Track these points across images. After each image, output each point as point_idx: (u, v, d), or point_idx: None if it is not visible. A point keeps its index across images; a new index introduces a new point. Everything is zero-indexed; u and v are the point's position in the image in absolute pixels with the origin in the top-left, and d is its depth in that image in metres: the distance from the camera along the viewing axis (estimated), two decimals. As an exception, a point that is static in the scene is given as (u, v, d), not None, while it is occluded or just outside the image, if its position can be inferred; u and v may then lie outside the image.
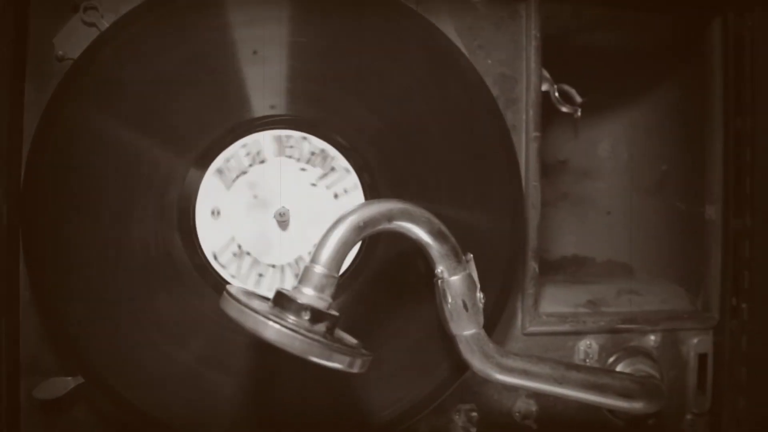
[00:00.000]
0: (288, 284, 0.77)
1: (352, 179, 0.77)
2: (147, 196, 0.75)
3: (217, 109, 0.76)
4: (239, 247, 0.76)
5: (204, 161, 0.76)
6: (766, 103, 0.92)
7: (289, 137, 0.77)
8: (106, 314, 0.75)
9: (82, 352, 0.75)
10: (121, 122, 0.75)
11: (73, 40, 0.78)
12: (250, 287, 0.76)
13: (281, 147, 0.76)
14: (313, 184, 0.77)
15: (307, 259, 0.74)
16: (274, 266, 0.77)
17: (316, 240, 0.65)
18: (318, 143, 0.77)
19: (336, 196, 0.77)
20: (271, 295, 0.65)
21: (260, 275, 0.77)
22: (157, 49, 0.76)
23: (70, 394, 0.78)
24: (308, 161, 0.77)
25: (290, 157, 0.77)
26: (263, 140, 0.76)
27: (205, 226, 0.76)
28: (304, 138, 0.77)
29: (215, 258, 0.76)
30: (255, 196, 0.76)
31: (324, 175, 0.77)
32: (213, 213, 0.76)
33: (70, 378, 0.78)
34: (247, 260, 0.77)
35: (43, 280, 0.75)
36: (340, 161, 0.77)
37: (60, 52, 0.79)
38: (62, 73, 0.76)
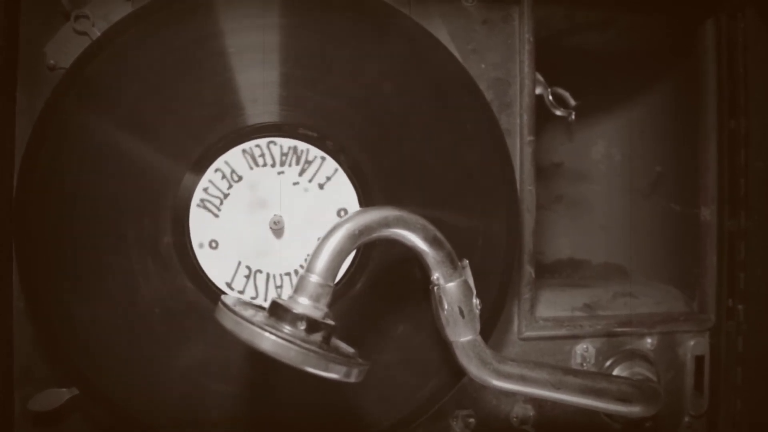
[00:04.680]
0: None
1: (330, 165, 0.77)
2: (141, 204, 0.75)
3: (208, 116, 0.76)
4: (248, 268, 0.76)
5: (199, 168, 0.75)
6: (759, 104, 0.92)
7: (257, 145, 0.76)
8: (101, 324, 0.75)
9: (76, 362, 0.75)
10: (114, 131, 0.74)
11: (65, 49, 0.78)
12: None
13: (252, 159, 0.76)
14: (295, 183, 0.77)
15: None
16: (288, 273, 0.77)
17: (317, 236, 0.65)
18: (286, 143, 0.76)
19: (321, 186, 0.77)
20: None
21: (279, 287, 0.77)
22: (148, 57, 0.75)
23: (65, 406, 0.77)
24: (282, 163, 0.77)
25: (264, 165, 0.76)
26: (232, 159, 0.76)
27: (209, 261, 0.76)
28: (272, 143, 0.76)
29: (229, 287, 0.76)
30: (247, 214, 0.76)
31: (302, 171, 0.77)
32: (211, 245, 0.75)
33: (64, 389, 0.77)
34: (261, 278, 0.76)
35: (36, 289, 0.75)
36: (314, 152, 0.77)
37: (51, 61, 0.78)
38: (54, 81, 0.76)
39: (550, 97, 0.91)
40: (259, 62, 0.76)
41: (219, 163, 0.76)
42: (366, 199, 0.78)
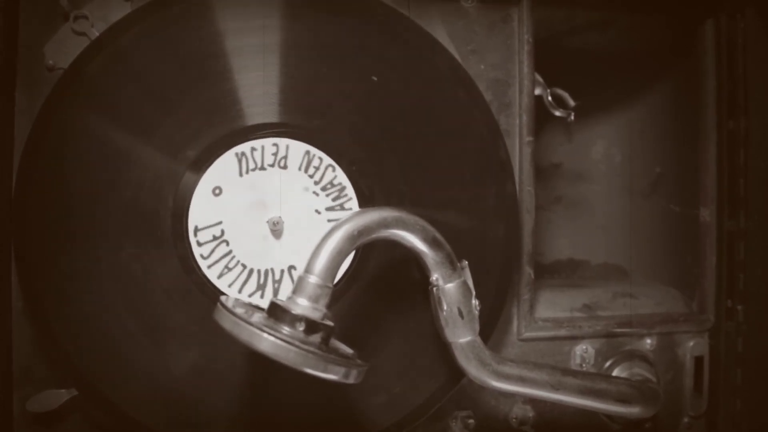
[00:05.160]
0: (248, 290, 0.76)
1: None
2: (141, 204, 0.75)
3: (212, 117, 0.76)
4: (222, 232, 0.76)
5: (196, 168, 0.75)
6: (759, 104, 0.92)
7: (320, 158, 0.76)
8: (100, 324, 0.75)
9: (75, 363, 0.75)
10: (113, 131, 0.74)
11: (64, 49, 0.78)
12: (213, 277, 0.75)
13: (306, 164, 0.76)
14: (318, 211, 0.77)
15: (279, 274, 0.76)
16: (244, 266, 0.76)
17: (297, 261, 0.64)
18: (341, 177, 0.77)
19: None
20: (265, 305, 0.64)
21: (227, 268, 0.76)
22: (148, 57, 0.75)
23: (64, 407, 0.77)
24: (324, 189, 0.77)
25: (310, 177, 0.76)
26: (293, 149, 0.76)
27: (201, 198, 0.75)
28: (331, 167, 0.77)
29: (195, 232, 0.75)
30: (259, 196, 0.76)
31: (332, 208, 0.77)
32: (215, 191, 0.75)
33: (63, 390, 0.77)
34: (222, 249, 0.76)
35: (35, 289, 0.75)
36: (353, 203, 0.77)
37: (50, 62, 0.78)
38: (53, 82, 0.76)
39: (550, 98, 0.91)
40: (259, 62, 0.76)
41: (281, 141, 0.76)
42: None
